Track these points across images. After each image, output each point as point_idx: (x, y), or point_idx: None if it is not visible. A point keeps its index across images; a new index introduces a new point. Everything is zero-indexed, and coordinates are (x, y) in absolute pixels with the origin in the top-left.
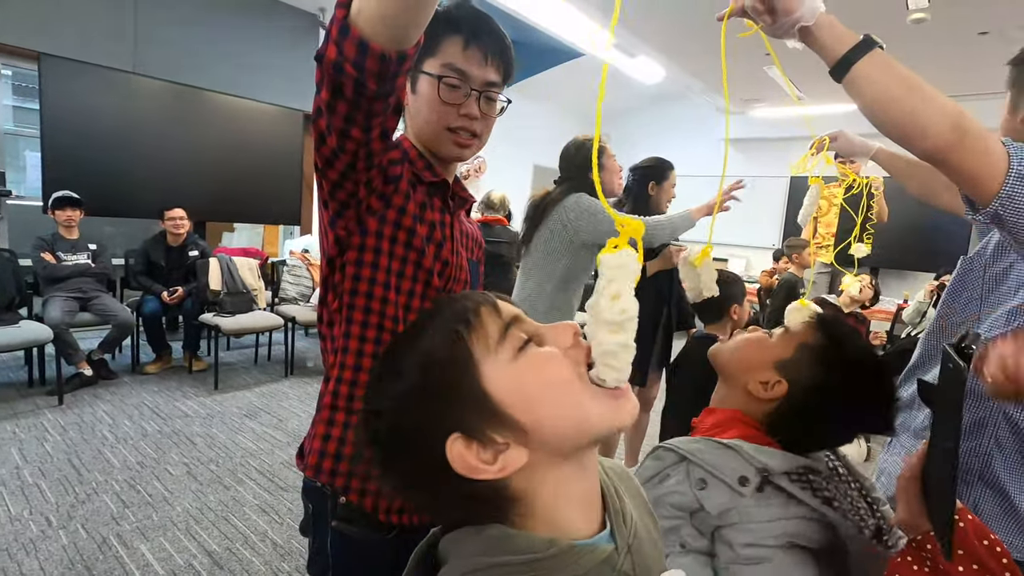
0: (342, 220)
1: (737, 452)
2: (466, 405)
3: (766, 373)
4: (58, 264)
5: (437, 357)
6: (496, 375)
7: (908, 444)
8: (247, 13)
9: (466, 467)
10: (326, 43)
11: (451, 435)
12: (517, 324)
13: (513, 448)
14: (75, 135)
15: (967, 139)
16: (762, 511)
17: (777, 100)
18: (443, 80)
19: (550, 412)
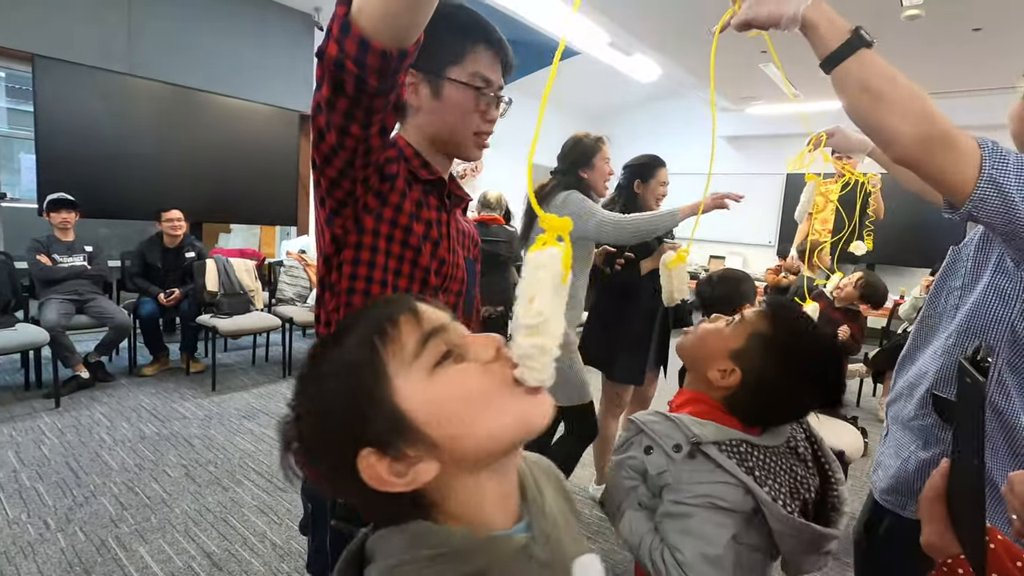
0: (339, 218)
1: (676, 424)
2: (379, 420)
3: (722, 362)
4: (54, 266)
5: (352, 369)
6: (410, 391)
7: (899, 436)
8: (242, 14)
9: (376, 480)
10: (327, 40)
11: (363, 450)
12: (439, 335)
13: (424, 462)
14: (70, 137)
15: (933, 147)
16: (689, 474)
17: (773, 97)
18: (480, 91)
19: (464, 430)
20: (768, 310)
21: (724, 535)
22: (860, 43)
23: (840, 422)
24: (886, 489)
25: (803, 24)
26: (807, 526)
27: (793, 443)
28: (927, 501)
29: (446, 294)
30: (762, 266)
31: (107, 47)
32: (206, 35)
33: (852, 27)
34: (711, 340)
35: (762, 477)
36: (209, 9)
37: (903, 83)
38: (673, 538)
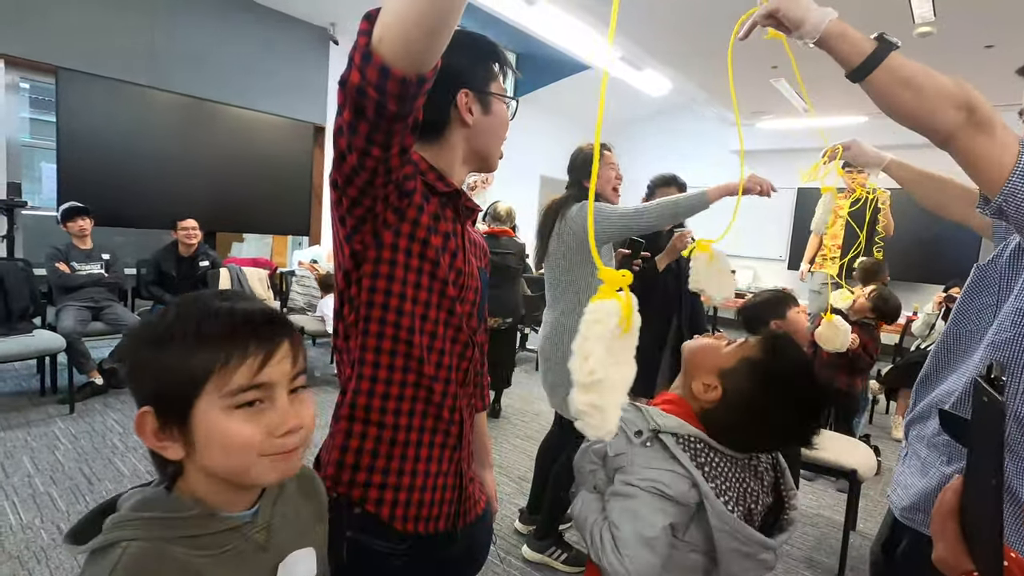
0: (359, 235)
1: (643, 413)
2: (173, 405)
3: (709, 377)
4: (72, 274)
5: (188, 361)
6: (207, 411)
7: (924, 454)
8: (259, 27)
9: (139, 429)
10: (349, 68)
11: (145, 407)
12: (259, 390)
13: (177, 445)
14: (90, 147)
15: (977, 130)
16: (643, 459)
17: (783, 112)
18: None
19: (220, 459)
20: (768, 339)
21: (662, 520)
22: (890, 46)
23: (852, 440)
24: (908, 507)
25: (826, 35)
26: (744, 527)
27: (755, 462)
28: (939, 517)
29: (462, 304)
30: (772, 281)
31: (129, 60)
32: (224, 48)
33: (875, 35)
34: (705, 354)
35: (711, 474)
36: (228, 23)
37: (937, 74)
38: (615, 515)
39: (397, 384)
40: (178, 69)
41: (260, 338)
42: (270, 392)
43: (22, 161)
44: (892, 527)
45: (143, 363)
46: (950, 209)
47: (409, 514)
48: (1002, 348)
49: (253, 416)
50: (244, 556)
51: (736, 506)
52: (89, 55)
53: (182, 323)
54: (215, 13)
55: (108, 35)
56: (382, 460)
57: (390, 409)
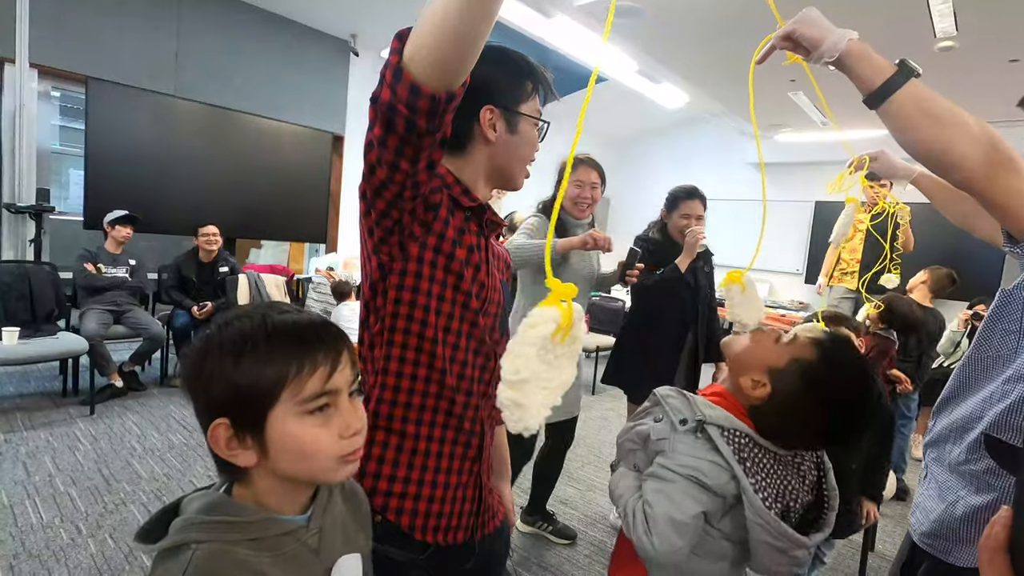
0: (386, 246)
1: (690, 401)
2: (249, 416)
3: (758, 374)
4: (98, 274)
5: (263, 374)
6: (282, 418)
7: (943, 479)
8: (282, 39)
9: (212, 440)
10: (381, 86)
11: (219, 419)
12: (329, 396)
13: (251, 453)
14: (116, 154)
15: (999, 171)
16: (685, 447)
17: (801, 125)
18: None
19: (291, 463)
20: (821, 339)
21: (694, 508)
22: (911, 72)
23: None
24: (927, 533)
25: (846, 56)
26: (779, 523)
27: (798, 459)
28: (988, 552)
29: (485, 316)
30: (789, 294)
31: (155, 70)
32: (246, 59)
33: (897, 61)
34: (757, 349)
35: (752, 469)
36: (251, 35)
37: (960, 109)
38: (650, 495)
39: (419, 394)
40: (202, 79)
41: (327, 347)
42: (336, 397)
43: (51, 167)
44: (911, 550)
45: (215, 376)
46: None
47: (428, 524)
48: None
49: (324, 421)
50: (299, 559)
51: (775, 503)
52: (118, 66)
53: (252, 336)
54: (238, 25)
55: (136, 47)
56: (403, 469)
57: (412, 418)
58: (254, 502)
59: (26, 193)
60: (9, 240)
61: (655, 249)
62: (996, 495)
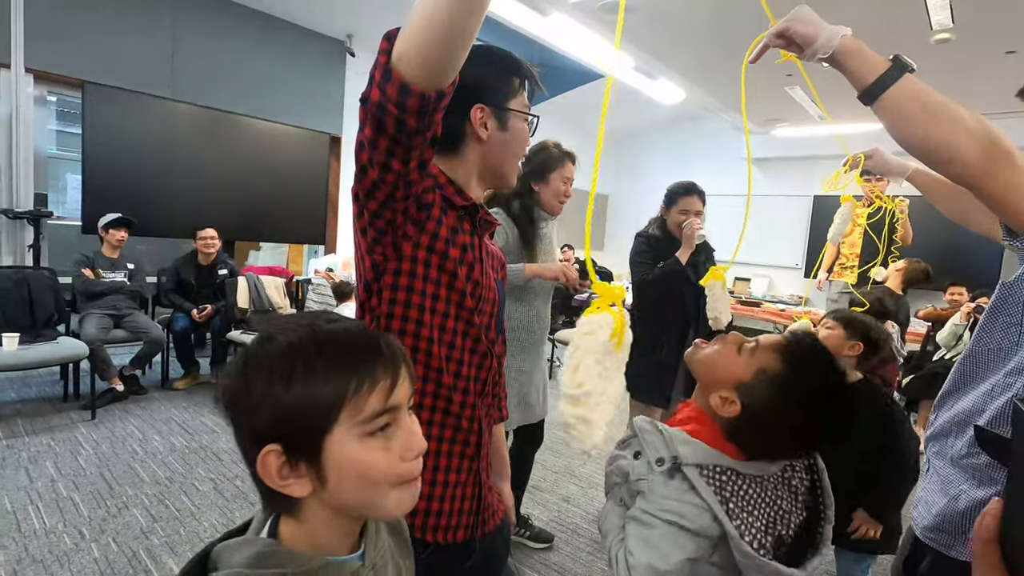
0: (379, 247)
1: (665, 438)
2: (304, 442)
3: (725, 391)
4: (97, 280)
5: (319, 394)
6: (341, 441)
7: (945, 473)
8: (278, 40)
9: (262, 467)
10: (370, 86)
11: (270, 446)
12: (390, 413)
13: (305, 482)
14: (113, 158)
15: (997, 165)
16: (663, 488)
17: (799, 120)
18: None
19: (352, 490)
20: (784, 345)
21: (677, 555)
22: (905, 67)
23: None
24: (930, 527)
25: (839, 52)
26: (769, 565)
27: (788, 473)
28: (980, 543)
29: (480, 315)
30: (788, 289)
31: (151, 73)
32: (243, 61)
33: (891, 57)
34: (721, 365)
35: (735, 510)
36: (247, 36)
37: (955, 104)
38: (631, 542)
39: (417, 394)
40: (198, 82)
41: (385, 360)
42: (396, 415)
43: (48, 172)
44: (914, 545)
45: (262, 399)
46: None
47: (428, 523)
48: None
49: (386, 442)
50: None
51: (766, 536)
52: (114, 69)
53: (303, 351)
54: (234, 27)
55: (132, 50)
56: None
57: None
58: (306, 541)
59: (24, 198)
60: (7, 245)
61: (656, 245)
62: (999, 488)
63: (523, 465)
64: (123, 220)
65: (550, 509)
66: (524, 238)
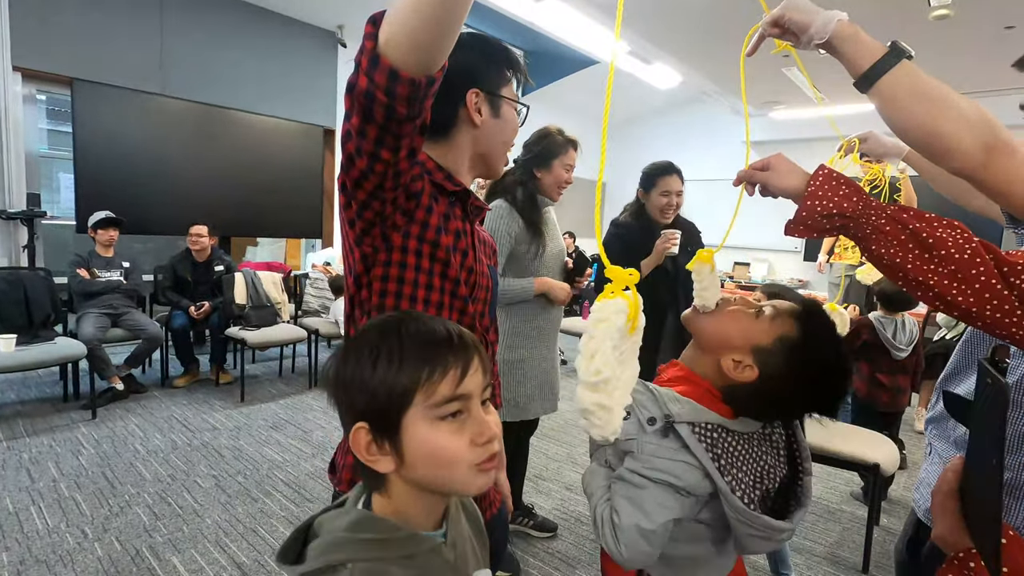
0: (368, 238)
1: (655, 396)
2: (385, 419)
3: (740, 354)
4: (92, 279)
5: (398, 377)
6: (415, 421)
7: (946, 455)
8: (268, 33)
9: (354, 444)
10: (356, 73)
11: (359, 423)
12: (460, 401)
13: (390, 460)
14: (106, 156)
15: (996, 155)
16: (654, 448)
17: (796, 102)
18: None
19: (426, 470)
20: (802, 313)
21: (663, 515)
22: (902, 53)
23: (874, 433)
24: (929, 509)
25: (835, 38)
26: (759, 518)
27: (768, 429)
28: (939, 496)
29: (475, 303)
30: (788, 272)
31: (141, 69)
32: (233, 55)
33: (889, 43)
34: (738, 329)
35: (726, 465)
36: (236, 29)
37: (955, 93)
38: (618, 501)
39: None
40: (188, 77)
41: (456, 352)
42: (467, 403)
43: (40, 171)
44: (916, 526)
45: (353, 381)
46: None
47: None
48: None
49: (457, 428)
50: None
51: (754, 490)
52: (102, 66)
53: (387, 342)
54: (223, 20)
55: (120, 46)
56: None
57: None
58: (394, 515)
59: (16, 198)
60: (2, 246)
61: (625, 235)
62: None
63: (522, 453)
64: (111, 219)
65: (553, 498)
66: (532, 225)
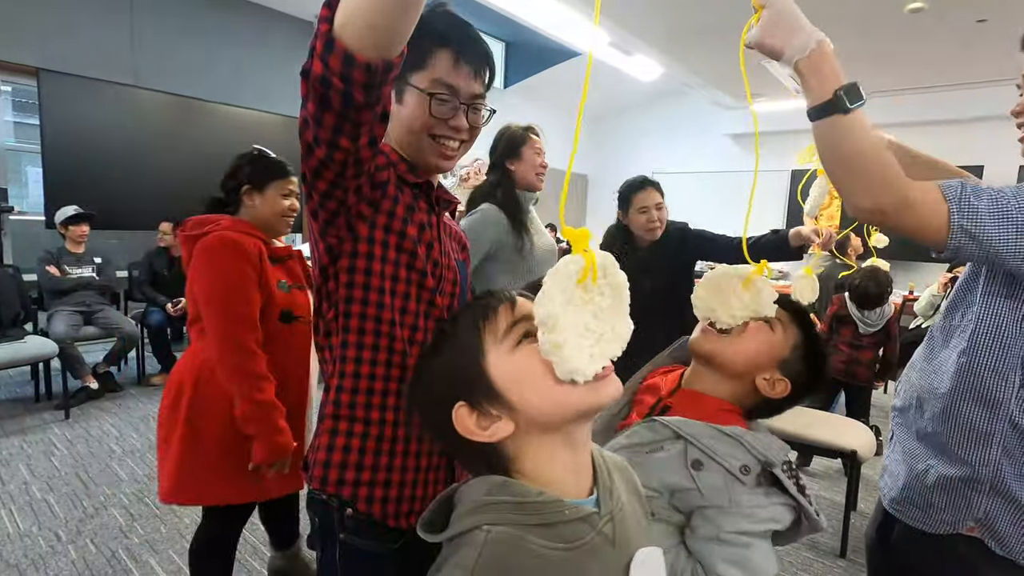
0: (333, 228)
1: (739, 441)
2: (473, 382)
3: (769, 371)
4: (63, 276)
5: (459, 343)
6: (497, 361)
7: (910, 445)
8: (243, 23)
9: (464, 429)
10: (311, 59)
11: (457, 403)
12: (524, 321)
13: (504, 421)
14: (76, 149)
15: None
16: (751, 498)
17: (777, 94)
18: (435, 97)
19: (534, 395)
20: (795, 314)
21: (773, 567)
22: (836, 108)
23: (851, 421)
24: (897, 499)
25: (799, 70)
26: (819, 521)
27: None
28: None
29: (442, 296)
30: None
31: (110, 59)
32: (207, 45)
33: (839, 86)
34: (766, 349)
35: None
36: (210, 19)
37: (870, 154)
38: (721, 567)
39: (381, 379)
40: (161, 67)
41: (496, 295)
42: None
43: (7, 165)
44: (885, 513)
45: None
46: None
47: (401, 509)
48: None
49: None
50: (597, 552)
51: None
52: (70, 56)
53: (443, 327)
54: (196, 10)
55: (88, 35)
56: (370, 457)
57: (375, 404)
58: (537, 483)
59: None
60: None
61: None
62: (971, 470)
63: None
64: (82, 215)
65: None
66: (516, 222)
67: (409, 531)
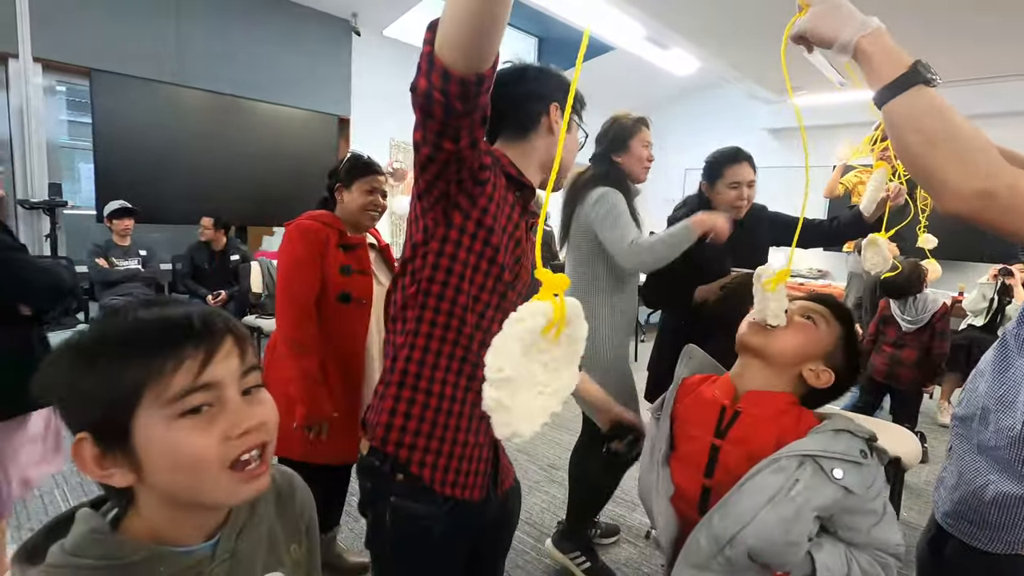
0: (432, 213)
1: (848, 431)
2: (109, 424)
3: (815, 363)
4: (111, 268)
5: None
6: (146, 423)
7: (970, 459)
8: (282, 22)
9: (77, 459)
10: (418, 76)
11: (80, 434)
12: (203, 392)
13: (125, 471)
14: (124, 146)
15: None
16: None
17: (818, 87)
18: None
19: (170, 481)
20: (835, 309)
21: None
22: (917, 78)
23: (897, 427)
24: (949, 513)
25: (858, 56)
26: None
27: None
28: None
29: (514, 291)
30: (808, 261)
31: (157, 59)
32: (248, 44)
33: (912, 60)
34: (813, 343)
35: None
36: (251, 19)
37: (966, 129)
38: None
39: (446, 357)
40: (204, 66)
41: (197, 338)
42: (219, 393)
43: (61, 162)
44: (938, 526)
45: (70, 388)
46: None
47: (448, 479)
48: None
49: (202, 423)
50: None
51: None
52: (119, 56)
53: (106, 338)
54: (238, 10)
55: (137, 36)
56: (427, 425)
57: (437, 379)
58: (148, 533)
59: (38, 188)
60: (25, 236)
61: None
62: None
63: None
64: (126, 209)
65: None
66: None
67: (454, 499)
